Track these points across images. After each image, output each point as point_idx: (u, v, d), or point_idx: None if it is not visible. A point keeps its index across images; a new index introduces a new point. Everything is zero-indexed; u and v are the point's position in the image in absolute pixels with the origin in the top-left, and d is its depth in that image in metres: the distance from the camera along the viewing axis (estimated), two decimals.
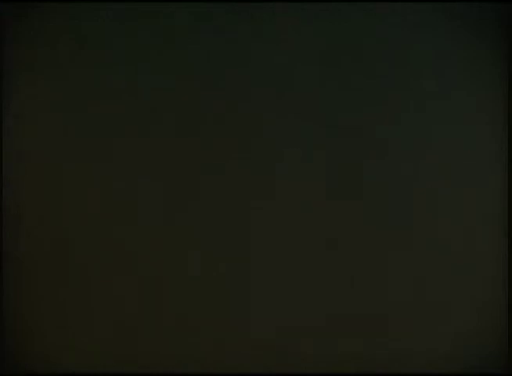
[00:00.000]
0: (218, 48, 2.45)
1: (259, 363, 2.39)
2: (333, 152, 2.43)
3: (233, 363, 2.39)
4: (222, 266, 2.41)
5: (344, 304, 2.40)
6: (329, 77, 2.44)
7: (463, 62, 2.44)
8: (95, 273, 2.41)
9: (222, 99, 2.44)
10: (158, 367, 2.40)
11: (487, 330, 2.39)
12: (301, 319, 2.40)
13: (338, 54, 2.44)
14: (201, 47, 2.45)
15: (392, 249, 2.40)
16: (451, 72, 2.44)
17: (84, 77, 2.45)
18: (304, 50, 2.44)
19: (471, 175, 2.42)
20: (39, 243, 2.42)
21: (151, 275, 2.41)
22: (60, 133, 2.45)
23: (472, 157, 2.43)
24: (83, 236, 2.42)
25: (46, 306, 2.41)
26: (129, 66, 2.45)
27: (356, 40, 2.44)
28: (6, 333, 2.40)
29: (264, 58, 2.45)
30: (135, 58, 2.45)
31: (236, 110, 2.44)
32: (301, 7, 2.45)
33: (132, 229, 2.42)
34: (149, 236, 2.42)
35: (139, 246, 2.42)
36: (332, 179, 2.42)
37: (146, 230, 2.42)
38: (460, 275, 2.40)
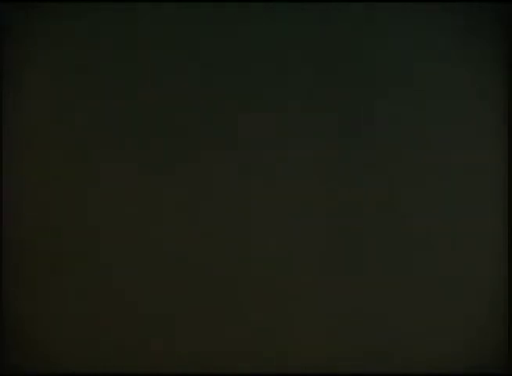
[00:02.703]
0: (218, 48, 2.45)
1: (259, 363, 2.39)
2: (331, 152, 2.43)
3: (232, 362, 2.39)
4: (222, 265, 2.42)
5: (344, 304, 2.40)
6: (329, 77, 2.44)
7: (463, 62, 2.44)
8: (96, 273, 2.41)
9: (223, 100, 2.45)
10: (159, 367, 2.40)
11: (487, 330, 2.39)
12: (300, 319, 2.40)
13: (338, 54, 2.45)
14: (202, 47, 2.45)
15: (392, 249, 2.40)
16: (450, 72, 2.44)
17: (84, 77, 2.46)
18: (304, 50, 2.45)
19: (471, 174, 2.42)
20: (40, 243, 2.42)
21: (152, 275, 2.41)
22: (61, 132, 2.45)
23: (472, 156, 2.43)
24: (84, 235, 2.42)
25: (46, 306, 2.41)
26: (130, 66, 2.45)
27: (355, 39, 2.45)
28: (6, 333, 2.40)
29: (264, 58, 2.45)
30: (136, 57, 2.45)
31: (235, 110, 2.44)
32: (301, 7, 2.45)
33: (134, 228, 2.42)
34: (150, 237, 2.42)
35: (140, 245, 2.42)
36: (332, 180, 2.42)
37: (148, 231, 2.42)
38: (460, 275, 2.40)
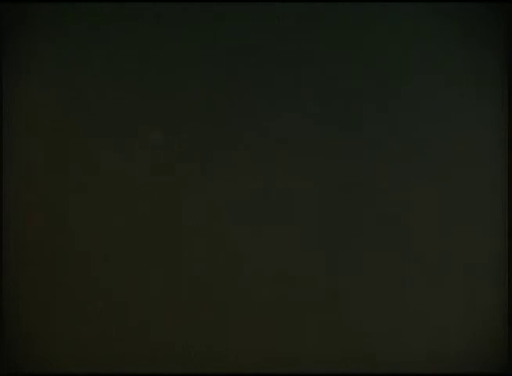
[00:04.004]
0: (219, 49, 2.46)
1: (258, 363, 2.39)
2: (330, 153, 2.43)
3: (231, 362, 2.40)
4: (222, 265, 2.42)
5: (344, 303, 2.40)
6: (329, 77, 2.44)
7: (462, 62, 2.44)
8: (96, 274, 2.41)
9: (224, 100, 2.45)
10: (159, 367, 2.40)
11: (487, 329, 2.39)
12: (299, 319, 2.40)
13: (338, 53, 2.45)
14: (204, 46, 2.45)
15: (391, 248, 2.40)
16: (450, 72, 2.44)
17: (85, 77, 2.46)
18: (303, 49, 2.45)
19: (471, 174, 2.42)
20: (39, 243, 2.42)
21: (154, 275, 2.41)
22: (62, 132, 2.45)
23: (472, 156, 2.43)
24: (84, 236, 2.42)
25: (46, 306, 2.41)
26: (131, 66, 2.45)
27: (355, 39, 2.45)
28: (6, 333, 2.40)
29: (265, 57, 2.45)
30: (138, 58, 2.45)
31: (237, 110, 2.44)
32: (300, 7, 2.45)
33: (135, 228, 2.42)
34: (152, 237, 2.42)
35: (142, 246, 2.42)
36: (331, 180, 2.43)
37: (148, 232, 2.42)
38: (460, 275, 2.40)
